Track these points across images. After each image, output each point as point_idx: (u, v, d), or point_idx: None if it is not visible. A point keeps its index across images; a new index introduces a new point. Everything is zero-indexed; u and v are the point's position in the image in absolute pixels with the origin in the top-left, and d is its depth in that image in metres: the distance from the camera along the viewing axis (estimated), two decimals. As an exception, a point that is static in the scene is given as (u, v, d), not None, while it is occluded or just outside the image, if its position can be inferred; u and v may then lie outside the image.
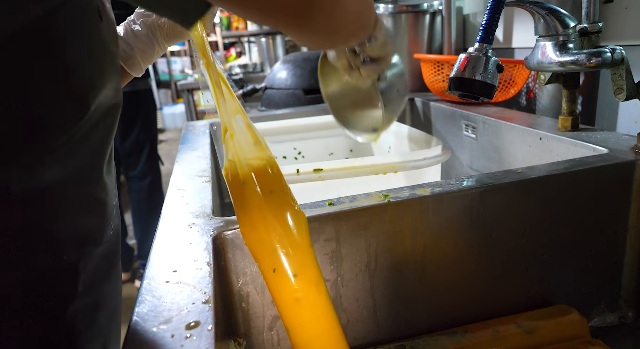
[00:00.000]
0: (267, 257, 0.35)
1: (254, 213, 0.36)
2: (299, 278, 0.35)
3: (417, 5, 1.11)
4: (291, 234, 0.35)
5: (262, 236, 0.35)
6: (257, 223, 0.36)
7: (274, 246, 0.35)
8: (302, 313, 0.34)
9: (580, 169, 0.49)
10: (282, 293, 0.34)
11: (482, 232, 0.49)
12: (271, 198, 0.36)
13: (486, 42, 0.42)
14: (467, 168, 0.89)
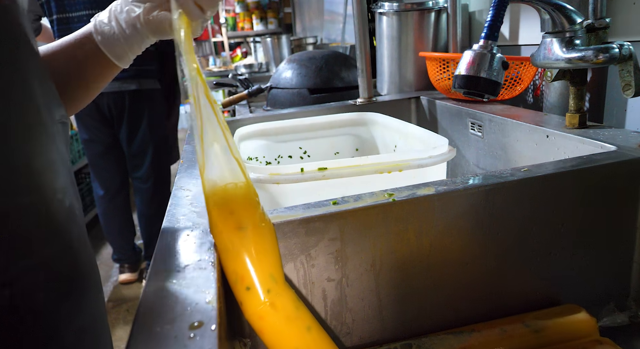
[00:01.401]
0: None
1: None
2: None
3: (423, 3, 1.10)
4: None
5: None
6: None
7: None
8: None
9: (588, 167, 0.49)
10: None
11: (489, 231, 0.48)
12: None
13: (491, 39, 0.42)
14: (474, 167, 0.88)
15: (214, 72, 3.00)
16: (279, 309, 0.37)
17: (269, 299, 0.37)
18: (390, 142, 0.86)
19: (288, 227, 0.43)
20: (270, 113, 1.06)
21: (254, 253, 0.38)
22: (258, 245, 0.38)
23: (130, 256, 2.01)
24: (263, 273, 0.37)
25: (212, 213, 0.39)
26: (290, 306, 0.38)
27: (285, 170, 0.58)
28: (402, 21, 1.12)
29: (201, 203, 0.50)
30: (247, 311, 0.37)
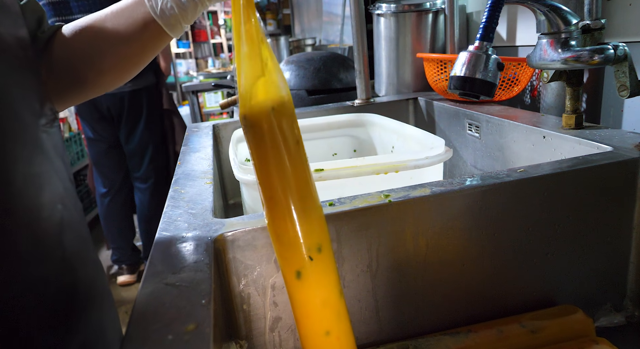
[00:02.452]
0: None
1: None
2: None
3: (420, 5, 1.10)
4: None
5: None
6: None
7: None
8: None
9: (584, 167, 0.49)
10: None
11: (485, 231, 0.48)
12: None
13: (486, 40, 0.42)
14: (471, 168, 0.89)
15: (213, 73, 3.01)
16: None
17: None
18: (387, 143, 0.87)
19: (284, 228, 0.43)
20: (268, 114, 1.06)
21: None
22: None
23: (129, 257, 2.01)
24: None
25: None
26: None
27: (282, 172, 0.58)
28: (400, 22, 1.12)
29: (197, 204, 0.50)
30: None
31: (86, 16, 0.47)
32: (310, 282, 0.35)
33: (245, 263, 0.43)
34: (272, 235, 0.36)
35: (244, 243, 0.42)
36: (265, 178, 0.35)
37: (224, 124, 1.00)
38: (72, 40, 0.46)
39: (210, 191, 0.54)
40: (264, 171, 0.35)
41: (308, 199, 0.36)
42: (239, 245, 0.42)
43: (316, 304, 0.35)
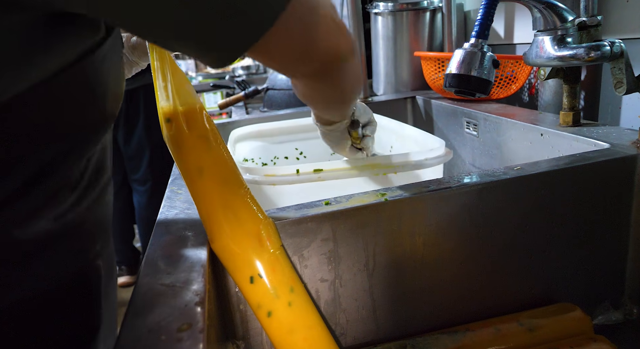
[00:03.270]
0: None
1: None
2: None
3: (417, 3, 1.10)
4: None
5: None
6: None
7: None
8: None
9: (581, 164, 0.49)
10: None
11: (482, 230, 0.48)
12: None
13: (482, 37, 0.42)
14: (469, 166, 0.88)
15: (212, 74, 3.01)
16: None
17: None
18: (386, 143, 0.86)
19: (280, 228, 0.43)
20: (266, 114, 1.06)
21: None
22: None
23: (129, 258, 2.01)
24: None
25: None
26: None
27: (280, 172, 0.58)
28: (397, 21, 1.12)
29: (193, 204, 0.50)
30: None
31: None
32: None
33: (241, 263, 0.42)
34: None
35: (240, 242, 0.42)
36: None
37: (222, 124, 1.00)
38: None
39: (207, 191, 0.54)
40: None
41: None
42: (234, 244, 0.42)
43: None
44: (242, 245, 0.37)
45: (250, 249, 0.37)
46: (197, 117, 0.41)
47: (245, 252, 0.37)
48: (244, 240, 0.37)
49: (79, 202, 0.34)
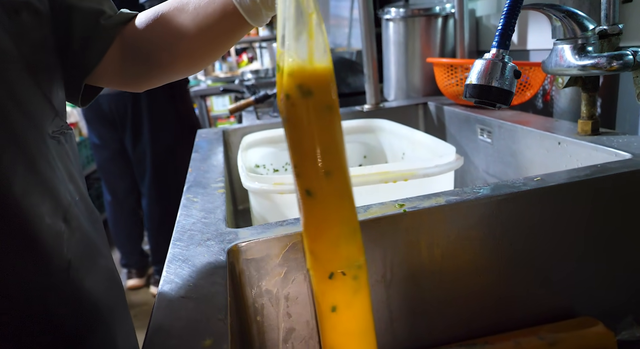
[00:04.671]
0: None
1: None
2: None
3: (429, 9, 1.10)
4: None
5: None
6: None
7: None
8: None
9: (602, 176, 0.48)
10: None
11: (501, 241, 0.47)
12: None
13: (502, 47, 0.41)
14: (483, 173, 0.88)
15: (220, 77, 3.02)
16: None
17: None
18: (398, 149, 0.86)
19: (298, 238, 0.43)
20: (277, 119, 1.06)
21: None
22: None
23: (138, 261, 2.02)
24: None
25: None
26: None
27: (289, 180, 0.57)
28: (409, 27, 1.12)
29: (210, 213, 0.50)
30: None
31: (168, 0, 0.46)
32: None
33: (259, 274, 0.42)
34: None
35: (258, 253, 0.42)
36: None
37: (234, 130, 1.00)
38: (149, 25, 0.45)
39: (223, 199, 0.54)
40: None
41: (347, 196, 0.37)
42: (252, 255, 0.42)
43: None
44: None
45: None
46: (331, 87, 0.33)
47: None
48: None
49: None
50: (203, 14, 0.43)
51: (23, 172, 0.35)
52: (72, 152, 0.43)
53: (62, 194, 0.39)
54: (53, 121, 0.39)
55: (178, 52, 0.46)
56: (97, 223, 0.46)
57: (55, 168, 0.38)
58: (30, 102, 0.37)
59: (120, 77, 0.49)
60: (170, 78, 0.51)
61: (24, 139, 0.35)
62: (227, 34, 0.44)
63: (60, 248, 0.38)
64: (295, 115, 0.33)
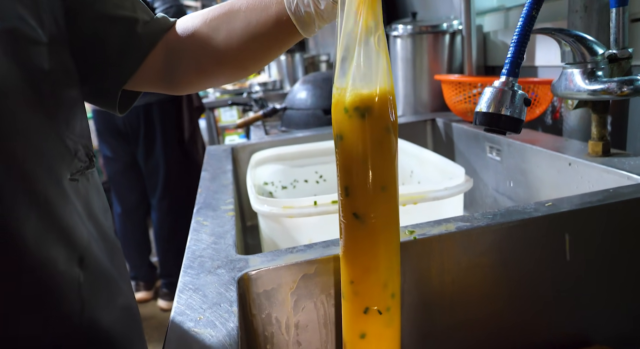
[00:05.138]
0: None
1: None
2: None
3: (437, 26, 1.10)
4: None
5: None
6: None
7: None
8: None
9: (615, 201, 0.47)
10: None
11: (513, 268, 0.47)
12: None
13: (512, 75, 0.41)
14: (493, 191, 0.87)
15: (229, 90, 3.04)
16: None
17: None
18: (407, 167, 0.86)
19: (309, 266, 0.43)
20: (285, 136, 1.06)
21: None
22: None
23: (146, 274, 2.02)
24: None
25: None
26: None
27: (298, 204, 0.57)
28: (417, 43, 1.12)
29: (220, 238, 0.50)
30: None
31: (221, 4, 0.45)
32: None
33: (269, 302, 0.42)
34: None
35: (268, 282, 0.42)
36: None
37: (242, 147, 1.01)
38: (196, 31, 0.45)
39: (232, 223, 0.54)
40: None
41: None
42: (263, 284, 0.42)
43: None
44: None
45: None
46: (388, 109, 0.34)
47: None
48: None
49: None
50: (255, 22, 0.42)
51: (37, 218, 0.34)
52: (94, 189, 0.42)
53: (79, 236, 0.38)
54: (71, 163, 0.39)
55: (225, 60, 0.45)
56: (117, 257, 0.45)
57: (72, 210, 0.38)
58: (44, 146, 0.36)
59: (161, 83, 0.48)
60: (215, 85, 0.50)
61: (39, 184, 0.35)
62: (277, 43, 0.44)
63: (75, 294, 0.37)
64: (353, 135, 0.34)
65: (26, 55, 0.35)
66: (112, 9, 0.44)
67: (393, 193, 0.36)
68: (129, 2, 0.45)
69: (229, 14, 0.43)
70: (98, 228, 0.42)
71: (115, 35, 0.44)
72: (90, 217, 0.40)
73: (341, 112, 0.34)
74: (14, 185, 0.33)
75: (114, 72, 0.45)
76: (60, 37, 0.39)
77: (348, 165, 0.35)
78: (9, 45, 0.33)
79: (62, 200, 0.37)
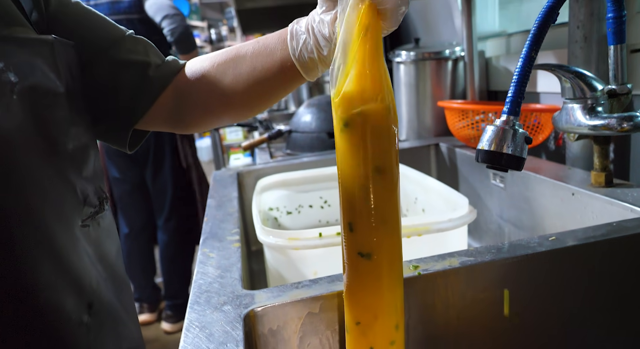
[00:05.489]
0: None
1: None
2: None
3: (440, 52, 1.12)
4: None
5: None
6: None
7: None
8: None
9: (619, 236, 0.48)
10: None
11: (518, 303, 0.47)
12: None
13: (513, 114, 0.42)
14: (497, 218, 0.87)
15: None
16: None
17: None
18: (411, 194, 0.86)
19: (314, 303, 0.43)
20: (290, 161, 1.07)
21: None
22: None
23: (150, 295, 2.01)
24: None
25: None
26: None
27: (303, 235, 0.58)
28: (420, 69, 1.14)
29: (226, 271, 0.50)
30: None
31: (227, 49, 0.47)
32: None
33: (275, 339, 0.42)
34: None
35: (274, 318, 0.42)
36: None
37: (248, 172, 1.02)
38: (204, 74, 0.46)
39: (238, 255, 0.54)
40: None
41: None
42: (268, 320, 0.42)
43: None
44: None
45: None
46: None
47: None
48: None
49: None
50: (260, 67, 0.44)
51: (50, 265, 0.35)
52: (105, 232, 0.43)
53: (88, 280, 0.39)
54: (82, 210, 0.40)
55: (232, 102, 0.47)
56: (125, 294, 0.46)
57: (83, 255, 0.39)
58: (56, 195, 0.37)
59: (170, 122, 0.50)
60: (221, 124, 0.52)
61: (51, 232, 0.36)
62: (281, 86, 0.45)
63: (84, 340, 0.38)
64: (352, 148, 0.34)
65: (43, 107, 0.36)
66: (125, 54, 0.45)
67: (396, 228, 0.37)
68: (141, 47, 0.47)
69: (235, 59, 0.45)
70: (108, 270, 0.42)
71: (129, 79, 0.45)
72: (100, 260, 0.41)
73: (337, 127, 0.35)
74: (28, 233, 0.34)
75: (126, 114, 0.46)
76: (76, 85, 0.41)
77: (350, 199, 0.36)
78: (28, 100, 0.34)
79: (73, 246, 0.38)
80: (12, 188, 0.33)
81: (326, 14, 0.39)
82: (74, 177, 0.39)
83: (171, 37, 1.68)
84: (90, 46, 0.44)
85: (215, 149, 3.16)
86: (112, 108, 0.46)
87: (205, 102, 0.47)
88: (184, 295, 1.96)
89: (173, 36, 1.68)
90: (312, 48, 0.40)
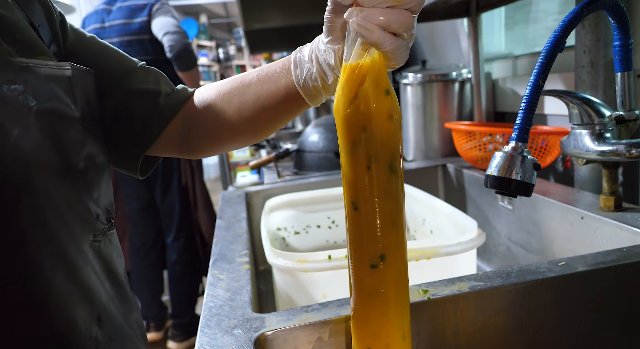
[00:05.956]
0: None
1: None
2: None
3: (446, 75, 1.14)
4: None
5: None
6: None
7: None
8: None
9: (630, 262, 0.47)
10: None
11: (528, 328, 0.47)
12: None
13: (521, 141, 0.43)
14: (505, 240, 0.87)
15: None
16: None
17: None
18: (419, 215, 0.87)
19: (324, 327, 0.43)
20: (298, 181, 1.08)
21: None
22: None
23: (157, 314, 2.00)
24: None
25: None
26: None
27: (312, 258, 0.58)
28: (427, 91, 1.15)
29: (236, 294, 0.51)
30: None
31: (233, 77, 0.48)
32: None
33: (285, 364, 0.42)
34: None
35: (284, 342, 0.42)
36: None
37: (256, 192, 1.03)
38: (210, 103, 0.48)
39: (248, 278, 0.55)
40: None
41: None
42: (278, 344, 0.42)
43: None
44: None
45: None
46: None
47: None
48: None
49: None
50: (265, 96, 0.45)
51: (62, 278, 0.36)
52: (115, 250, 0.45)
53: (98, 295, 0.40)
54: (94, 226, 0.41)
55: (238, 129, 0.48)
56: (134, 317, 0.46)
57: (92, 271, 0.40)
58: (70, 212, 0.38)
59: (179, 148, 0.52)
60: (229, 150, 0.54)
61: (64, 247, 0.37)
62: (286, 113, 0.46)
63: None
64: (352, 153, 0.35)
65: (59, 130, 0.37)
66: (137, 84, 0.48)
67: (402, 266, 0.38)
68: (152, 77, 0.49)
69: (240, 88, 0.47)
70: (117, 288, 0.43)
71: (140, 107, 0.47)
72: (109, 276, 0.42)
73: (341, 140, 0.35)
74: (42, 247, 0.35)
75: (137, 140, 0.48)
76: (91, 112, 0.42)
77: (358, 235, 0.36)
78: (44, 123, 0.36)
79: (84, 260, 0.39)
80: (28, 205, 0.35)
81: (332, 44, 0.39)
82: (88, 198, 0.41)
83: (170, 53, 1.68)
84: (104, 77, 0.46)
85: (222, 167, 3.19)
86: (124, 135, 0.48)
87: (213, 130, 0.49)
88: (190, 314, 1.95)
89: (172, 52, 1.68)
90: (316, 77, 0.41)
